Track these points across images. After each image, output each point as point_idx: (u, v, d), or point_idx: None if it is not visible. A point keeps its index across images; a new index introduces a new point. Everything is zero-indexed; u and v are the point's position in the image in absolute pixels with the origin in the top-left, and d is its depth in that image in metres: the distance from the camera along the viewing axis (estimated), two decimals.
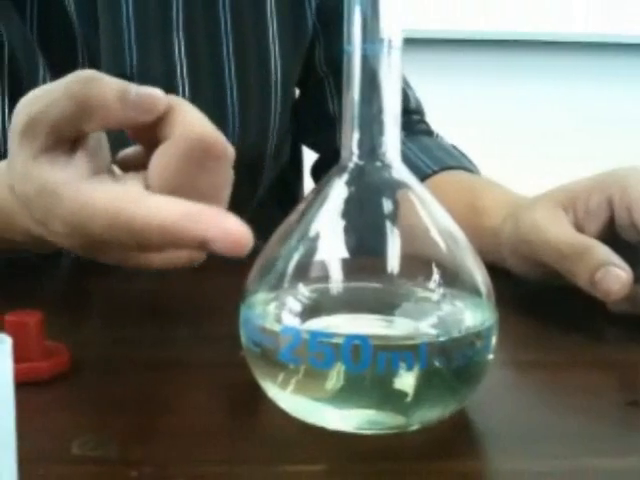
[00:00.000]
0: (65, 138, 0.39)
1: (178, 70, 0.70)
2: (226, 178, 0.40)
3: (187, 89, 0.71)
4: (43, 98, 0.39)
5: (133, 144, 0.44)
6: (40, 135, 0.39)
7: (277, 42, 0.74)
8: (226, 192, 0.41)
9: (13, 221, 0.43)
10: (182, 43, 0.70)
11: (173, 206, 0.36)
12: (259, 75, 0.74)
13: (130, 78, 0.69)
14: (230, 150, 0.40)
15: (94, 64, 0.68)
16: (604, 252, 0.46)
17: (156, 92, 0.39)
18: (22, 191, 0.40)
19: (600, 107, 1.94)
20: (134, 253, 0.41)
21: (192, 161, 0.38)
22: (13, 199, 0.42)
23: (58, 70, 0.67)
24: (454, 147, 0.79)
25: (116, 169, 0.43)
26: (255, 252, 0.37)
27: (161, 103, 0.39)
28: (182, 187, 0.38)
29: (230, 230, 0.34)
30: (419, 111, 0.83)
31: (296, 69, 0.78)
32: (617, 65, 1.96)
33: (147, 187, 0.39)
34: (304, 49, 0.78)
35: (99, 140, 0.41)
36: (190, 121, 0.39)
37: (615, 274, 0.45)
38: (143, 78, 0.69)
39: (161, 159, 0.39)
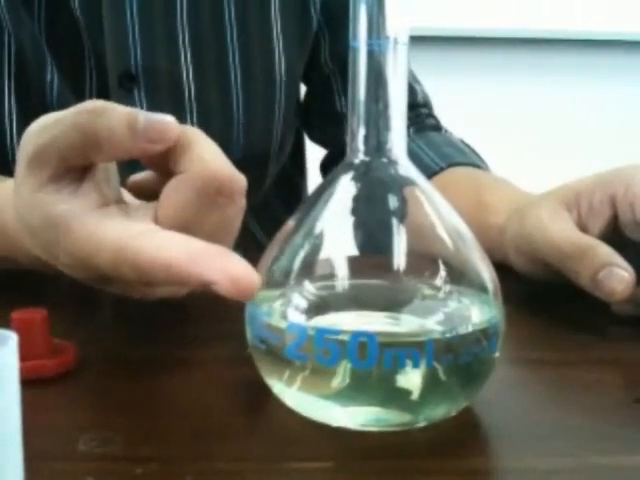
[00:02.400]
0: (73, 168, 0.39)
1: (184, 68, 0.70)
2: (237, 211, 0.39)
3: (192, 86, 0.71)
4: (51, 128, 0.38)
5: (144, 169, 0.44)
6: (48, 164, 0.38)
7: (281, 40, 0.74)
8: (237, 224, 0.40)
9: (21, 245, 0.43)
10: (187, 41, 0.70)
11: (179, 244, 0.35)
12: (264, 73, 0.74)
13: (135, 77, 0.69)
14: (242, 183, 0.39)
15: (99, 64, 0.68)
16: (607, 252, 0.46)
17: (167, 119, 0.37)
18: (27, 220, 0.40)
19: (606, 105, 1.93)
20: (139, 287, 0.41)
21: (205, 198, 0.38)
22: (18, 227, 0.42)
23: (65, 70, 0.68)
24: (463, 142, 0.79)
25: (126, 193, 0.42)
26: (261, 249, 0.37)
27: (172, 130, 0.38)
28: (192, 222, 0.38)
29: (236, 275, 0.33)
30: (427, 105, 0.83)
31: (300, 66, 0.78)
32: (623, 63, 1.95)
33: (156, 220, 0.38)
34: (308, 46, 0.78)
35: (107, 170, 0.40)
36: (204, 157, 0.38)
37: (618, 274, 0.45)
38: (148, 77, 0.69)
39: (173, 194, 0.38)
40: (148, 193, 0.42)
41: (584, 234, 0.49)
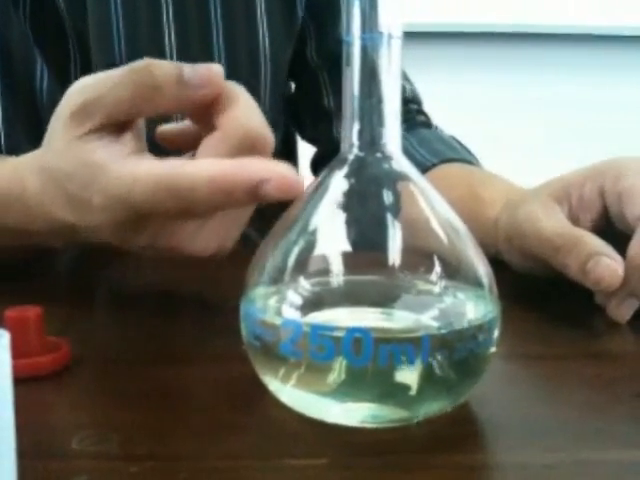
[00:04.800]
0: (116, 123, 0.40)
1: (168, 60, 0.70)
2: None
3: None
4: (99, 84, 0.40)
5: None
6: (90, 119, 0.40)
7: (265, 22, 0.74)
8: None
9: (40, 208, 0.44)
10: (172, 33, 0.70)
11: (219, 162, 0.38)
12: (249, 62, 0.74)
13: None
14: (272, 139, 0.42)
15: (84, 56, 0.68)
16: (595, 242, 0.46)
17: (212, 65, 0.40)
18: (60, 168, 0.41)
19: (604, 100, 1.93)
20: (168, 230, 0.42)
21: (239, 153, 0.40)
22: (41, 185, 0.43)
23: (52, 65, 0.68)
24: (453, 138, 0.79)
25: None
26: (255, 245, 0.37)
27: (216, 75, 0.40)
28: None
29: (283, 171, 0.35)
30: (416, 100, 0.83)
31: (286, 56, 0.78)
32: (622, 58, 1.95)
33: None
34: (294, 35, 0.78)
35: (140, 127, 0.43)
36: (242, 115, 0.41)
37: (605, 264, 0.45)
38: None
39: (210, 150, 0.41)
40: (179, 144, 0.45)
41: (575, 226, 0.49)
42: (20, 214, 0.46)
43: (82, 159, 0.40)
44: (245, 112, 0.41)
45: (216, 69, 0.40)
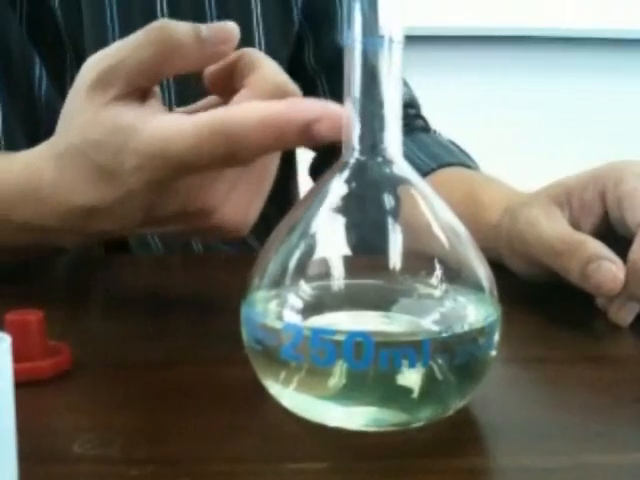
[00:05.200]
0: (139, 88, 0.40)
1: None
2: None
3: (171, 80, 0.71)
4: (117, 51, 0.40)
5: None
6: (113, 86, 0.40)
7: (261, 25, 0.74)
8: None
9: (55, 198, 0.43)
10: None
11: (269, 102, 0.37)
12: None
13: None
14: (301, 95, 0.42)
15: (80, 59, 0.68)
16: (596, 247, 0.46)
17: (226, 22, 0.41)
18: (87, 140, 0.41)
19: (605, 103, 1.94)
20: (201, 191, 0.41)
21: None
22: (59, 172, 0.42)
23: (49, 66, 0.68)
24: (452, 143, 0.79)
25: None
26: (256, 249, 0.37)
27: (233, 30, 0.40)
28: None
29: (335, 110, 0.35)
30: (413, 105, 0.83)
31: (282, 60, 0.78)
32: (621, 61, 1.96)
33: None
34: (290, 39, 0.78)
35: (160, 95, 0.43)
36: (267, 73, 0.41)
37: (606, 268, 0.45)
38: None
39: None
40: None
41: (575, 231, 0.49)
42: (33, 209, 0.45)
43: (111, 124, 0.39)
44: (271, 70, 0.41)
45: (231, 26, 0.40)
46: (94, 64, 0.41)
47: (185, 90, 0.69)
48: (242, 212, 0.44)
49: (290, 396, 0.34)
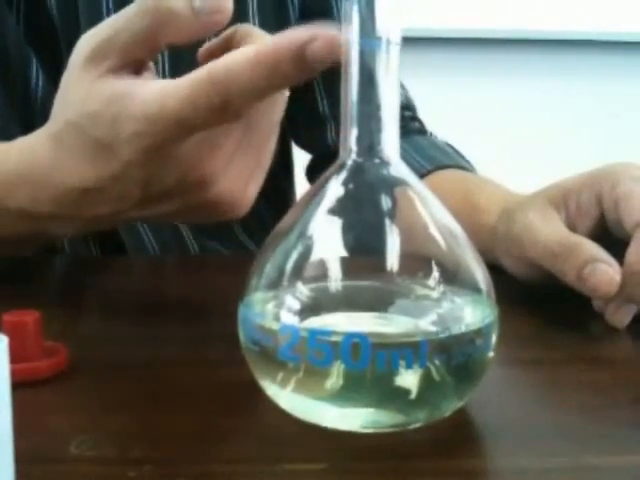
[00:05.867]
0: (134, 60, 0.40)
1: (160, 64, 0.70)
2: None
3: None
4: (112, 23, 0.40)
5: None
6: (108, 58, 0.40)
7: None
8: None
9: (50, 179, 0.43)
10: None
11: (258, 44, 0.37)
12: None
13: None
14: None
15: None
16: (592, 249, 0.46)
17: None
18: (83, 114, 0.40)
19: (603, 106, 1.94)
20: (201, 159, 0.41)
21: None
22: (54, 152, 0.42)
23: (46, 65, 0.68)
24: (448, 145, 0.79)
25: None
26: (252, 250, 0.37)
27: (227, 1, 0.40)
28: None
29: (327, 30, 0.34)
30: (409, 107, 0.83)
31: None
32: (621, 63, 1.96)
33: None
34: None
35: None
36: (264, 42, 0.39)
37: (602, 270, 0.45)
38: None
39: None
40: None
41: (572, 233, 0.49)
42: (27, 194, 0.45)
43: (106, 95, 0.39)
44: (268, 41, 0.41)
45: None
46: (88, 39, 0.41)
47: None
48: (240, 187, 0.44)
49: (287, 397, 0.34)
